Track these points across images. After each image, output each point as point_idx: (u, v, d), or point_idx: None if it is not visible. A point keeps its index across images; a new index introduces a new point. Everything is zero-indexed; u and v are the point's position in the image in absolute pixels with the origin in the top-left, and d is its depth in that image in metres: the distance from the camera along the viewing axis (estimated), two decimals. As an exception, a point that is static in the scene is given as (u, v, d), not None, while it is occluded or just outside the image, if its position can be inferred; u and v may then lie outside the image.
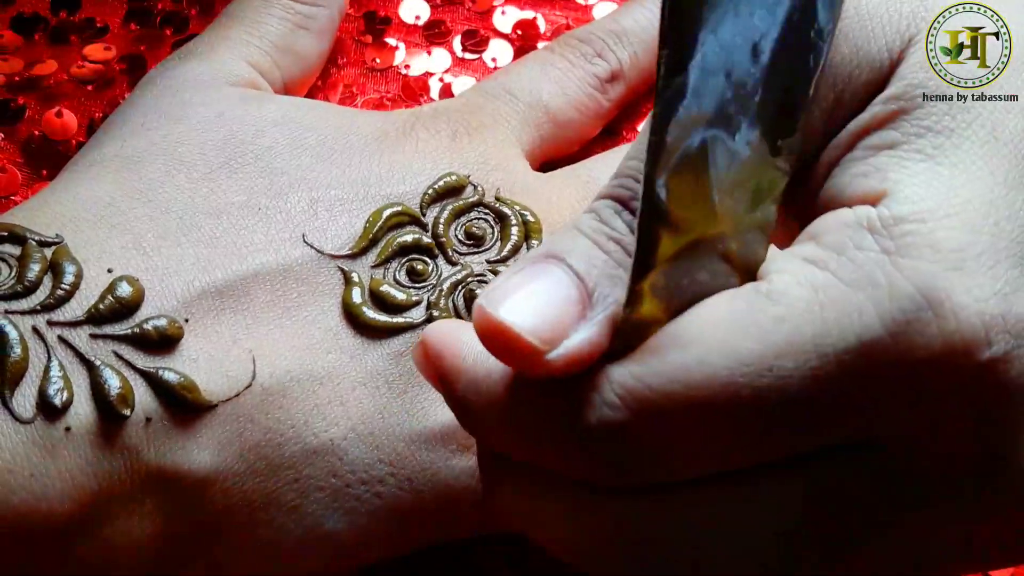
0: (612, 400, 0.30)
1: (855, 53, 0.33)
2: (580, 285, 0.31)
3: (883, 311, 0.30)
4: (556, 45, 0.49)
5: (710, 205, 0.31)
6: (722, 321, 0.30)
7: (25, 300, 0.38)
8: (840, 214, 0.32)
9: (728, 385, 0.30)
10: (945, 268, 0.30)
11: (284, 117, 0.44)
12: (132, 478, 0.37)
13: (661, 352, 0.30)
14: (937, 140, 0.32)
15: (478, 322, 0.31)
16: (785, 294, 0.30)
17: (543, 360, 0.30)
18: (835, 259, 0.30)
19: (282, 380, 0.39)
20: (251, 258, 0.40)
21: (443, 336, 0.33)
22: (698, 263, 0.31)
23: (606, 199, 0.33)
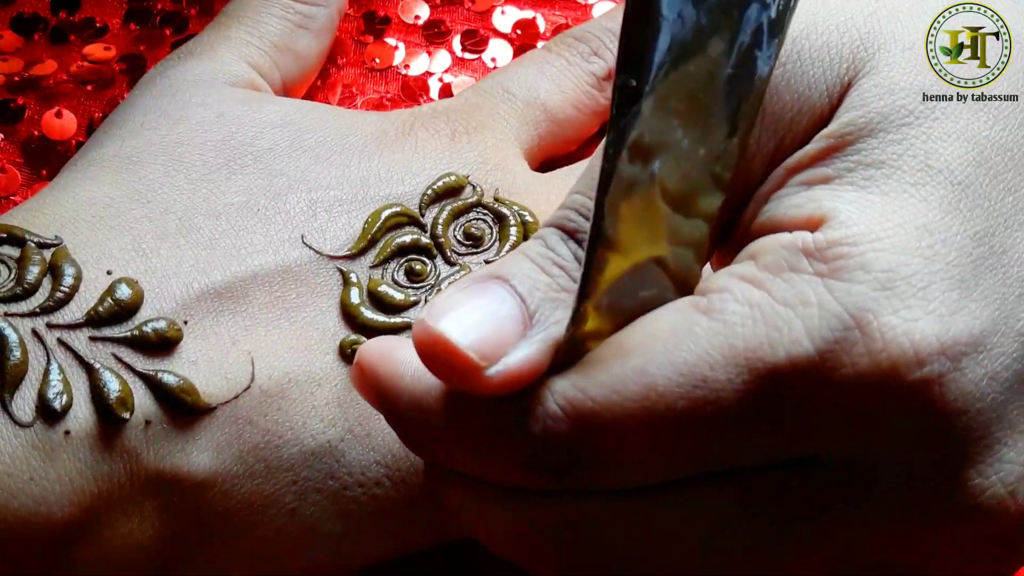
0: (554, 411, 0.31)
1: (796, 100, 0.34)
2: (522, 305, 0.32)
3: (811, 328, 0.30)
4: (553, 44, 0.49)
5: (657, 229, 0.31)
6: (662, 333, 0.31)
7: (24, 302, 0.38)
8: (778, 237, 0.32)
9: (665, 396, 0.30)
10: (874, 289, 0.30)
11: (283, 119, 0.44)
12: (131, 481, 0.37)
13: (602, 363, 0.31)
14: (868, 172, 0.32)
15: (418, 334, 0.31)
16: (722, 310, 0.31)
17: (480, 376, 0.31)
18: (770, 279, 0.31)
19: (280, 382, 0.39)
20: (250, 259, 0.40)
21: (379, 354, 0.34)
22: (640, 281, 0.32)
23: (552, 227, 0.33)
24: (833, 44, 0.34)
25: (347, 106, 0.51)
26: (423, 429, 0.33)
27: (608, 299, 0.31)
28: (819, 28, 0.34)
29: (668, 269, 0.32)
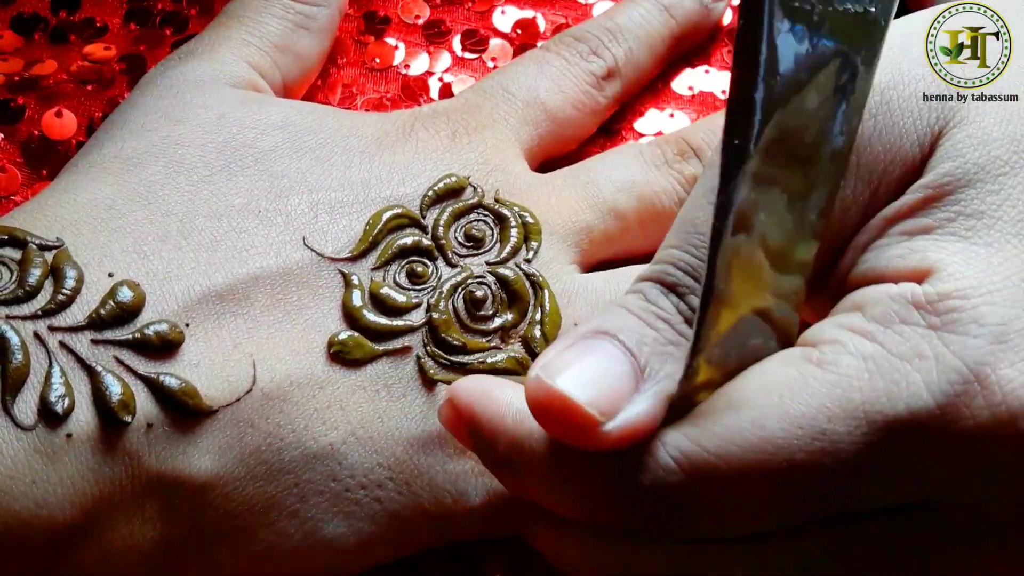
0: (667, 463, 0.31)
1: (888, 151, 0.34)
2: (632, 360, 0.32)
3: (931, 382, 0.31)
4: (552, 44, 0.49)
5: (760, 281, 0.32)
6: (776, 386, 0.31)
7: (26, 305, 0.38)
8: (885, 288, 0.33)
9: (783, 448, 0.31)
10: (989, 343, 0.31)
11: (284, 120, 0.44)
12: (133, 484, 0.37)
13: (716, 415, 0.31)
14: (969, 223, 0.33)
15: (533, 392, 0.31)
16: (836, 363, 0.31)
17: (598, 432, 0.31)
18: (882, 331, 0.32)
19: (282, 384, 0.39)
20: (251, 261, 0.40)
21: (475, 395, 0.34)
22: (746, 332, 0.32)
23: (651, 281, 0.34)
24: (921, 93, 0.35)
25: (347, 106, 0.51)
26: (523, 470, 0.33)
27: (718, 351, 0.32)
28: (907, 79, 0.35)
29: (771, 319, 0.33)
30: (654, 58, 0.50)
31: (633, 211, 0.45)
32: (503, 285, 0.42)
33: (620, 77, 0.49)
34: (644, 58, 0.50)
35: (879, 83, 0.35)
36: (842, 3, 0.32)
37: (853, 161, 0.34)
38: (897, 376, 0.31)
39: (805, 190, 0.33)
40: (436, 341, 0.41)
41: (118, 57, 0.51)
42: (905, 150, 0.34)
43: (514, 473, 0.34)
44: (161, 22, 0.52)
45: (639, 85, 0.51)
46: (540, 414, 0.32)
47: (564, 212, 0.44)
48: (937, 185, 0.34)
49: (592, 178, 0.46)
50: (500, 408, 0.34)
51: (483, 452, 0.35)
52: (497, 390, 0.34)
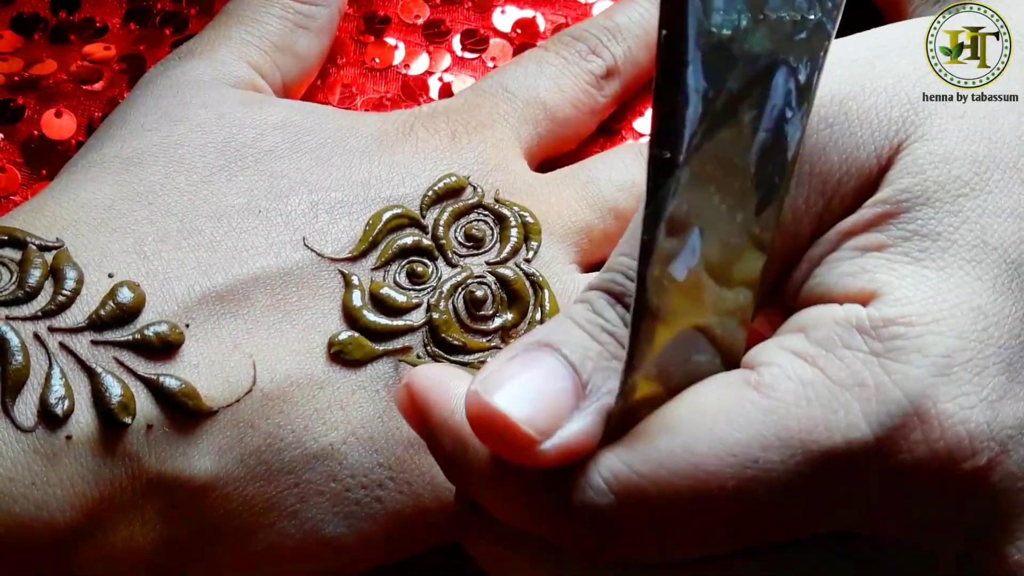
0: (599, 484, 0.31)
1: (844, 161, 0.34)
2: (575, 376, 0.31)
3: (870, 413, 0.30)
4: (551, 43, 0.49)
5: (700, 296, 0.31)
6: (711, 410, 0.31)
7: (26, 306, 0.38)
8: (830, 310, 0.32)
9: (714, 474, 0.30)
10: (932, 374, 0.30)
11: (284, 120, 0.44)
12: (133, 485, 0.37)
13: (649, 438, 0.31)
14: (923, 244, 0.32)
15: (471, 408, 0.31)
16: (774, 387, 0.31)
17: (536, 451, 0.30)
18: (824, 356, 0.31)
19: (282, 385, 0.39)
20: (251, 262, 0.40)
21: (430, 384, 0.33)
22: (688, 348, 0.32)
23: (598, 290, 0.33)
24: (882, 106, 0.34)
25: (347, 106, 0.51)
26: (465, 469, 0.33)
27: (657, 368, 0.31)
28: (867, 90, 0.34)
29: (713, 336, 0.32)
30: (653, 57, 0.50)
31: (633, 211, 0.45)
32: (503, 285, 0.42)
33: (619, 76, 0.49)
34: (643, 57, 0.50)
35: (838, 94, 0.34)
36: (775, 11, 0.31)
37: (807, 170, 0.34)
38: (835, 404, 0.30)
39: (748, 201, 0.32)
40: (436, 341, 0.41)
41: (118, 57, 0.51)
42: (861, 161, 0.34)
43: (457, 470, 0.33)
44: (161, 22, 0.52)
45: (638, 84, 0.51)
46: (478, 429, 0.31)
47: (564, 212, 0.44)
48: (895, 201, 0.33)
49: (592, 178, 0.46)
50: (451, 402, 0.33)
51: (431, 444, 0.34)
52: (452, 382, 0.33)
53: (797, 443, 0.30)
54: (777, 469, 0.30)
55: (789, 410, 0.30)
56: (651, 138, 0.30)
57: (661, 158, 0.30)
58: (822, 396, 0.30)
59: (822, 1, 0.32)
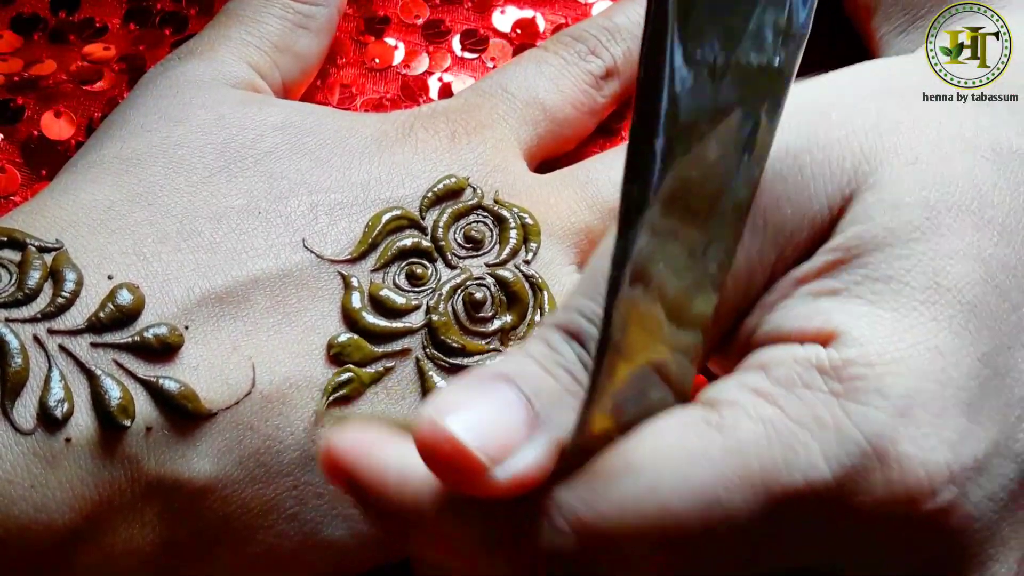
0: (561, 526, 0.30)
1: (796, 213, 0.34)
2: (528, 407, 0.31)
3: (829, 453, 0.30)
4: (550, 43, 0.49)
5: (656, 333, 0.32)
6: (673, 450, 0.30)
7: (26, 308, 0.38)
8: (790, 349, 0.32)
9: (678, 516, 0.30)
10: (891, 415, 0.30)
11: (284, 121, 0.44)
12: (132, 487, 0.37)
13: (611, 478, 0.30)
14: (876, 287, 0.32)
15: (423, 432, 0.30)
16: (735, 427, 0.31)
17: (486, 477, 0.30)
18: (784, 395, 0.31)
19: (281, 387, 0.39)
20: (251, 263, 0.40)
21: (357, 447, 0.32)
22: (642, 384, 0.32)
23: (555, 328, 0.33)
24: (835, 158, 0.34)
25: (346, 106, 0.51)
26: (412, 526, 0.32)
27: (612, 402, 0.31)
28: (820, 142, 0.34)
29: (667, 373, 0.32)
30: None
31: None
32: (502, 287, 0.42)
33: (619, 77, 0.49)
34: (643, 57, 0.50)
35: (793, 146, 0.34)
36: (746, 56, 0.31)
37: (760, 222, 0.34)
38: (796, 444, 0.30)
39: (705, 241, 0.32)
40: (435, 343, 0.41)
41: (118, 57, 0.51)
42: (814, 212, 0.34)
43: (403, 528, 0.32)
44: (161, 22, 0.52)
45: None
46: (427, 455, 0.30)
47: (563, 213, 0.44)
48: (845, 248, 0.33)
49: (591, 178, 0.46)
50: (383, 463, 0.32)
51: (368, 509, 0.33)
52: (381, 445, 0.32)
53: (759, 482, 0.30)
54: (740, 510, 0.30)
55: (750, 450, 0.30)
56: (624, 173, 0.30)
57: (632, 194, 0.30)
58: (782, 435, 0.30)
59: (786, 46, 0.32)
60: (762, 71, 0.32)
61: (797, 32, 0.33)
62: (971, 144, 0.35)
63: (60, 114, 0.50)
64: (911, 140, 0.34)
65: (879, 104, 0.35)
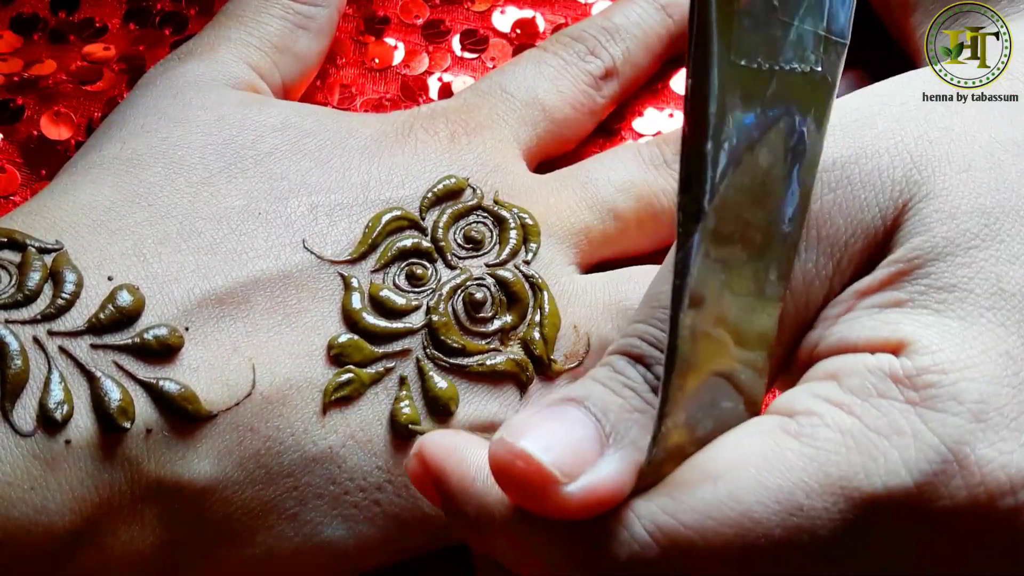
0: (642, 536, 0.30)
1: (849, 224, 0.34)
2: (598, 425, 0.31)
3: (909, 460, 0.30)
4: (549, 43, 0.49)
5: (724, 342, 0.32)
6: (752, 458, 0.31)
7: (26, 309, 0.38)
8: (861, 358, 0.32)
9: (761, 523, 0.30)
10: (969, 421, 0.31)
11: (284, 122, 0.44)
12: (132, 489, 0.37)
13: (691, 487, 0.31)
14: (941, 296, 0.33)
15: (496, 454, 0.31)
16: (813, 436, 0.31)
17: (560, 494, 0.30)
18: (859, 404, 0.31)
19: (282, 388, 0.39)
20: (251, 264, 0.40)
21: (444, 452, 0.33)
22: (713, 396, 0.32)
23: (618, 354, 0.34)
24: (884, 167, 0.34)
25: (346, 107, 0.51)
26: (492, 535, 0.33)
27: (685, 415, 0.31)
28: (868, 152, 0.34)
29: (736, 383, 0.32)
30: (652, 57, 0.50)
31: (632, 211, 0.45)
32: (502, 287, 0.42)
33: (618, 77, 0.49)
34: (642, 58, 0.50)
35: (840, 157, 0.34)
36: (788, 62, 0.32)
37: (814, 234, 0.34)
38: (875, 452, 0.30)
39: (762, 256, 0.32)
40: (435, 343, 0.41)
41: (118, 57, 0.51)
42: (867, 223, 0.34)
43: (482, 536, 0.33)
44: (161, 22, 0.52)
45: (637, 85, 0.51)
46: (501, 475, 0.31)
47: (563, 213, 0.44)
48: (907, 259, 0.33)
49: (591, 178, 0.46)
50: (470, 469, 0.33)
51: (451, 512, 0.34)
52: (467, 449, 0.33)
53: (839, 489, 0.30)
54: (821, 516, 0.30)
55: (829, 457, 0.30)
56: (680, 184, 0.31)
57: (690, 206, 0.31)
58: (861, 443, 0.31)
59: (827, 54, 0.33)
60: (805, 78, 0.32)
61: (837, 39, 0.33)
62: (1023, 149, 0.35)
63: (60, 114, 0.50)
64: (962, 147, 0.35)
65: (926, 111, 0.35)
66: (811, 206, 0.34)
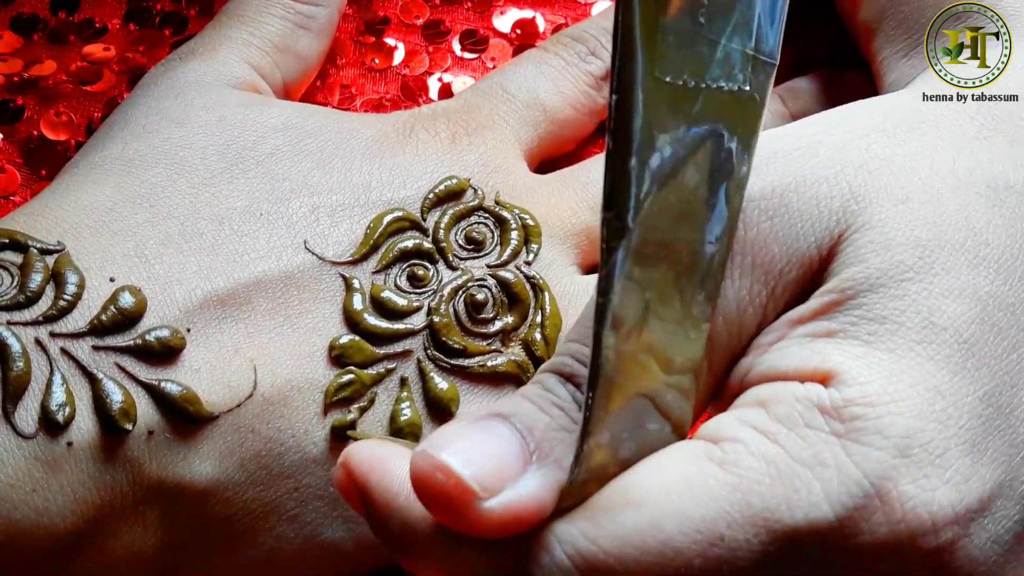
0: (562, 560, 0.30)
1: (785, 252, 0.34)
2: (523, 442, 0.31)
3: (831, 493, 0.30)
4: (550, 44, 0.49)
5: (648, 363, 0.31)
6: (675, 484, 0.30)
7: (27, 311, 0.38)
8: (790, 387, 0.32)
9: (681, 552, 0.30)
10: (892, 456, 0.30)
11: (285, 123, 0.44)
12: (134, 491, 0.37)
13: (613, 512, 0.30)
14: (872, 327, 0.32)
15: (416, 465, 0.30)
16: (737, 463, 0.30)
17: (479, 509, 0.29)
18: (785, 433, 0.31)
19: (283, 389, 0.39)
20: (253, 265, 0.40)
21: (369, 463, 0.32)
22: (639, 415, 0.31)
23: (549, 372, 0.33)
24: (822, 197, 0.34)
25: (346, 107, 0.51)
26: (414, 552, 0.32)
27: (609, 435, 0.31)
28: (808, 181, 0.34)
29: (662, 405, 0.32)
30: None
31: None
32: (503, 288, 0.42)
33: (619, 77, 0.49)
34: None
35: (779, 184, 0.34)
36: (715, 80, 0.32)
37: (749, 261, 0.34)
38: (798, 483, 0.30)
39: (689, 271, 0.32)
40: (437, 344, 0.41)
41: (117, 57, 0.51)
42: (803, 251, 0.34)
43: (404, 552, 0.32)
44: (161, 22, 0.52)
45: (637, 85, 0.51)
46: (420, 487, 0.30)
47: (564, 213, 0.44)
48: (840, 290, 0.33)
49: (592, 179, 0.46)
50: (394, 483, 0.32)
51: (374, 526, 0.33)
52: (392, 461, 0.32)
53: (760, 521, 0.30)
54: (742, 547, 0.30)
55: (752, 487, 0.30)
56: (604, 201, 0.30)
57: (613, 223, 0.30)
58: (784, 474, 0.30)
59: (756, 73, 0.32)
60: (733, 97, 0.32)
61: (766, 59, 0.33)
62: (964, 181, 0.35)
63: (60, 114, 0.49)
64: (901, 179, 0.34)
65: (868, 142, 0.35)
66: (748, 233, 0.34)
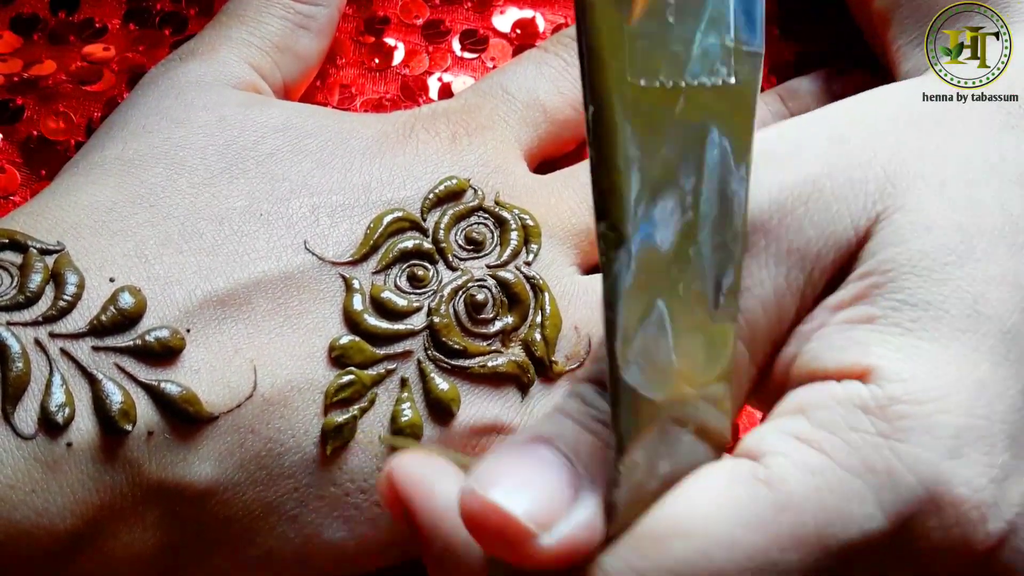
0: None
1: (820, 235, 0.33)
2: (570, 467, 0.30)
3: (884, 501, 0.30)
4: (550, 44, 0.49)
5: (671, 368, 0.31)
6: (722, 509, 0.30)
7: (27, 311, 0.38)
8: (828, 388, 0.31)
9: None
10: (943, 457, 0.30)
11: (285, 123, 0.44)
12: (134, 492, 0.37)
13: (660, 542, 0.30)
14: (914, 314, 0.32)
15: (467, 506, 0.29)
16: (783, 480, 0.30)
17: (536, 545, 0.29)
18: (829, 440, 0.30)
19: (283, 390, 0.39)
20: (253, 265, 0.40)
21: (414, 482, 0.32)
22: (672, 436, 0.31)
23: (587, 382, 0.32)
24: (857, 179, 0.34)
25: (346, 107, 0.51)
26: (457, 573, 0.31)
27: (643, 451, 0.30)
28: (840, 165, 0.34)
29: (696, 421, 0.31)
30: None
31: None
32: (503, 288, 0.42)
33: (619, 77, 0.49)
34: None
35: (812, 172, 0.34)
36: (695, 77, 0.31)
37: (784, 247, 0.33)
38: (849, 494, 0.29)
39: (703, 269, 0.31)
40: (437, 345, 0.41)
41: (117, 57, 0.51)
42: (839, 233, 0.33)
43: (446, 572, 0.32)
44: (160, 22, 0.52)
45: (637, 85, 0.51)
46: (473, 528, 0.29)
47: (564, 214, 0.44)
48: (879, 271, 0.32)
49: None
50: (438, 507, 0.31)
51: (417, 543, 0.32)
52: (438, 483, 0.31)
53: (814, 540, 0.29)
54: (795, 570, 0.29)
55: (802, 505, 0.29)
56: (595, 213, 0.30)
57: (608, 234, 0.30)
58: (833, 486, 0.30)
59: (741, 64, 0.32)
60: (718, 92, 0.31)
61: (749, 48, 0.32)
62: (997, 170, 0.34)
63: (60, 114, 0.49)
64: (935, 165, 0.34)
65: (897, 133, 0.35)
66: (782, 220, 0.33)
